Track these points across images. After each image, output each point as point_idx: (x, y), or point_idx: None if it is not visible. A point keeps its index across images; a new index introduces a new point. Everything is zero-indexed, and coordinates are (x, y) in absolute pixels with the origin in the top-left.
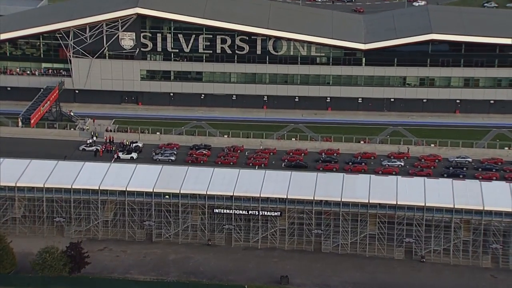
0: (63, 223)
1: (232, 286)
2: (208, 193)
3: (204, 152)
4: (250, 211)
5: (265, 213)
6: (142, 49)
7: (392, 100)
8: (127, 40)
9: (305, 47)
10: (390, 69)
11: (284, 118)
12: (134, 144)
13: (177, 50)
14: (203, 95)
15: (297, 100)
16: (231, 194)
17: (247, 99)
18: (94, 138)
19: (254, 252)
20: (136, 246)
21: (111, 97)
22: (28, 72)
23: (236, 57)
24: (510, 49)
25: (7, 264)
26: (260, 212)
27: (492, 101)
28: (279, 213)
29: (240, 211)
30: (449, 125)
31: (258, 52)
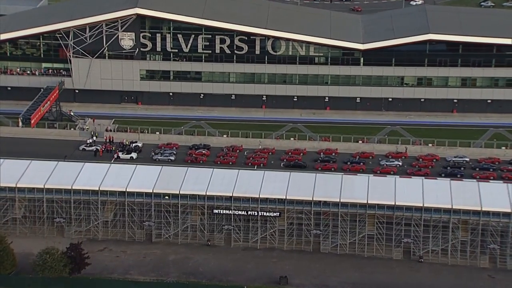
0: (63, 224)
1: (232, 287)
2: (208, 194)
3: (203, 152)
4: (249, 212)
5: (264, 214)
6: (142, 49)
7: (390, 100)
8: (127, 40)
9: (304, 47)
10: (388, 69)
11: (283, 118)
12: (134, 144)
13: (177, 50)
14: (202, 95)
15: (296, 100)
16: (231, 195)
17: (246, 99)
18: (94, 138)
19: (253, 253)
20: (136, 247)
21: (111, 97)
22: (28, 72)
23: (235, 57)
24: (507, 49)
25: (8, 265)
26: (259, 213)
27: (489, 101)
28: (278, 214)
29: (240, 212)
30: (447, 125)
31: (257, 52)
